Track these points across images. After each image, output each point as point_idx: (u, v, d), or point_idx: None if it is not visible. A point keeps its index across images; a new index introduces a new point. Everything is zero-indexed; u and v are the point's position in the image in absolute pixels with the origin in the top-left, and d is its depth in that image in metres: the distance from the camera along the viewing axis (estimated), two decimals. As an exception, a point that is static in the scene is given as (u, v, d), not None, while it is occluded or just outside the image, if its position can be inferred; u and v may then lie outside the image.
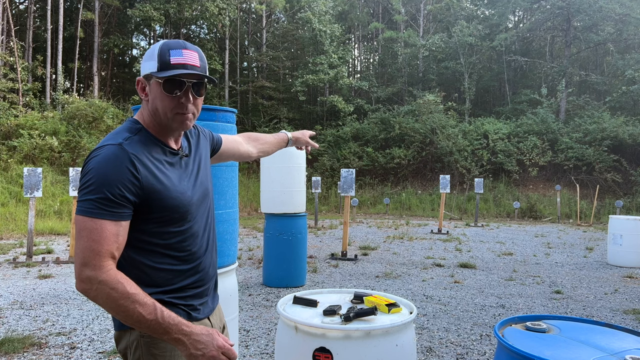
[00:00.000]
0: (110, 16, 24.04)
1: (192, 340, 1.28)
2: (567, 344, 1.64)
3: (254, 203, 17.20)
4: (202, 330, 1.31)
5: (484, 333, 4.51)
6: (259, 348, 4.06)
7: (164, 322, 1.25)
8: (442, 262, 8.09)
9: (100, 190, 1.26)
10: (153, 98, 1.38)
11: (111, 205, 1.27)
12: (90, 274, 1.24)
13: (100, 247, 1.25)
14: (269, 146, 2.04)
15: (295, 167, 6.41)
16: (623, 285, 6.65)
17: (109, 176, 1.27)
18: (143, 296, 1.25)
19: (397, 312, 1.99)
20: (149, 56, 1.39)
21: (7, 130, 15.58)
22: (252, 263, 7.95)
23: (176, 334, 1.27)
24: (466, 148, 20.02)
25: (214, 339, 1.30)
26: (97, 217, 1.26)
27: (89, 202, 1.27)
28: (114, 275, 1.25)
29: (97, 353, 3.88)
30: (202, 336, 1.29)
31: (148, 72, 1.38)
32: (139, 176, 1.30)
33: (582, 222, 15.04)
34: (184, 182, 1.44)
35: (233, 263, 3.13)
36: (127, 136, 1.35)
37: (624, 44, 23.13)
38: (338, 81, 23.61)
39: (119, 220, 1.29)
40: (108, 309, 1.26)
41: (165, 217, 1.38)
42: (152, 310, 1.24)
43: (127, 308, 1.23)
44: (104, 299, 1.24)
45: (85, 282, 1.24)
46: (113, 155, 1.29)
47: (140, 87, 1.42)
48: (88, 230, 1.26)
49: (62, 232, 11.21)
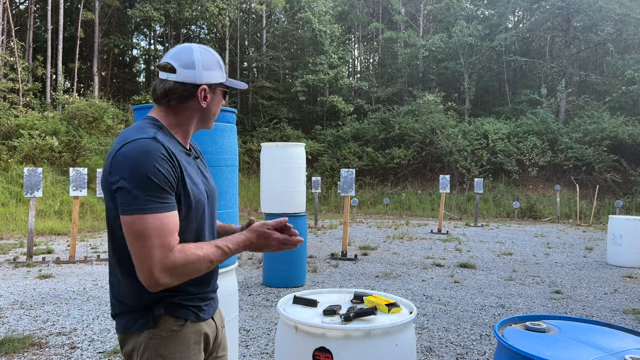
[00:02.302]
0: (110, 16, 24.04)
1: (255, 246, 1.46)
2: (567, 344, 1.64)
3: (254, 203, 17.20)
4: (254, 236, 1.45)
5: (483, 333, 4.52)
6: (259, 348, 4.06)
7: (233, 252, 1.41)
8: (442, 262, 8.09)
9: (150, 183, 1.25)
10: (215, 104, 1.50)
11: (163, 197, 1.28)
12: (169, 265, 1.26)
13: (168, 240, 1.27)
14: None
15: (295, 167, 6.41)
16: (623, 285, 6.66)
17: (152, 168, 1.26)
18: (208, 247, 1.35)
19: (397, 312, 2.00)
20: (211, 64, 1.45)
21: (7, 130, 15.58)
22: (252, 263, 7.95)
23: (244, 249, 1.45)
24: (466, 148, 20.02)
25: (267, 237, 1.46)
26: (156, 212, 1.26)
27: (142, 198, 1.24)
28: (186, 252, 1.30)
29: (97, 353, 3.88)
30: (260, 239, 1.46)
31: (218, 81, 1.47)
32: (175, 166, 1.33)
33: (581, 222, 15.04)
34: (200, 181, 1.48)
35: (233, 263, 3.14)
36: (155, 131, 1.36)
37: (624, 44, 23.13)
38: (338, 81, 23.62)
39: (174, 209, 1.31)
40: (192, 277, 1.35)
41: (188, 214, 1.39)
42: (222, 253, 1.37)
43: (207, 267, 1.35)
44: (189, 274, 1.32)
45: (167, 276, 1.27)
46: (151, 147, 1.29)
47: (204, 95, 1.44)
48: (151, 227, 1.25)
49: (62, 232, 11.21)
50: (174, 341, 1.39)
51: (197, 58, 1.42)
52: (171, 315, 1.39)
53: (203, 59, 1.43)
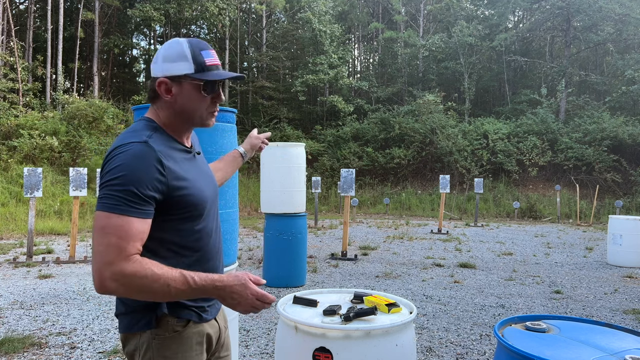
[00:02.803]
0: (110, 16, 24.04)
1: (227, 292, 1.32)
2: (567, 344, 1.64)
3: (254, 203, 17.20)
4: (235, 280, 1.32)
5: (483, 333, 4.52)
6: (259, 348, 4.06)
7: (198, 287, 1.28)
8: (442, 262, 8.09)
9: (129, 186, 1.24)
10: (187, 99, 1.38)
11: (139, 202, 1.25)
12: (116, 270, 1.20)
13: (127, 244, 1.22)
14: (223, 173, 1.94)
15: (295, 167, 6.41)
16: (623, 285, 6.66)
17: (137, 173, 1.25)
18: (170, 271, 1.25)
19: (397, 312, 1.99)
20: (178, 56, 1.37)
21: (7, 130, 15.58)
22: (252, 263, 7.95)
23: (213, 291, 1.31)
24: (466, 148, 20.02)
25: (246, 287, 1.33)
26: (125, 214, 1.23)
27: (116, 198, 1.23)
28: (141, 264, 1.22)
29: (97, 353, 3.88)
30: (235, 287, 1.32)
31: (182, 73, 1.36)
32: (165, 173, 1.30)
33: (581, 222, 15.04)
34: (200, 179, 1.45)
35: (233, 263, 3.14)
36: (149, 134, 1.34)
37: (624, 44, 23.13)
38: (338, 81, 23.62)
39: (146, 218, 1.27)
40: (143, 297, 1.26)
41: (186, 214, 1.38)
42: (183, 281, 1.26)
43: (162, 289, 1.24)
44: (137, 289, 1.23)
45: (112, 280, 1.20)
46: (141, 152, 1.28)
47: (165, 88, 1.39)
48: (115, 226, 1.22)
49: (62, 232, 11.21)
50: (177, 341, 1.39)
51: (160, 51, 1.40)
52: (174, 316, 1.39)
53: (166, 51, 1.39)
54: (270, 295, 1.37)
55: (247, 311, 1.37)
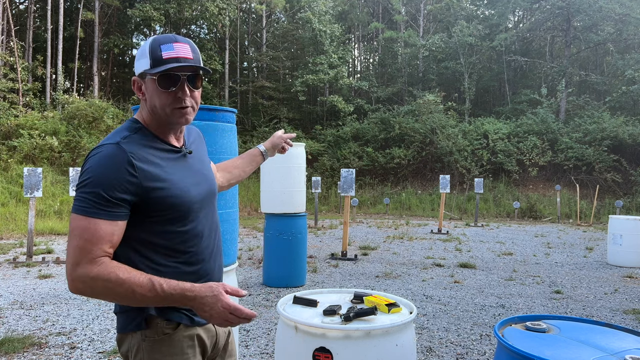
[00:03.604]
0: (110, 16, 24.03)
1: (198, 303, 1.27)
2: (567, 344, 1.64)
3: (254, 203, 17.20)
4: (207, 291, 1.27)
5: (484, 333, 4.52)
6: (259, 348, 4.06)
7: (166, 295, 1.24)
8: (442, 262, 8.09)
9: (96, 189, 1.24)
10: (150, 96, 1.37)
11: (107, 205, 1.24)
12: (82, 272, 1.21)
13: (93, 246, 1.23)
14: (240, 171, 1.93)
15: (295, 167, 6.41)
16: (623, 285, 6.65)
17: (105, 175, 1.25)
18: (138, 276, 1.23)
19: (397, 312, 1.99)
20: (140, 54, 1.38)
21: (7, 130, 15.58)
22: (252, 263, 7.95)
23: (182, 301, 1.27)
24: (466, 148, 20.02)
25: (218, 299, 1.27)
26: (92, 216, 1.24)
27: (84, 200, 1.24)
28: (106, 267, 1.22)
29: (97, 353, 3.88)
30: (206, 298, 1.27)
31: (142, 70, 1.36)
32: (136, 174, 1.28)
33: (582, 222, 15.04)
34: (186, 179, 1.42)
35: (233, 263, 3.14)
36: (125, 135, 1.34)
37: (624, 44, 23.13)
38: (338, 81, 23.61)
39: (115, 220, 1.26)
40: (110, 300, 1.26)
41: (166, 216, 1.35)
42: (150, 287, 1.23)
43: (126, 294, 1.23)
44: (102, 292, 1.23)
45: (79, 282, 1.22)
46: (110, 154, 1.28)
47: (137, 86, 1.41)
48: (81, 228, 1.24)
49: (62, 232, 11.21)
50: (166, 344, 1.37)
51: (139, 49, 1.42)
52: (163, 318, 1.37)
53: (138, 51, 1.41)
54: (245, 309, 1.30)
55: (221, 325, 1.31)
